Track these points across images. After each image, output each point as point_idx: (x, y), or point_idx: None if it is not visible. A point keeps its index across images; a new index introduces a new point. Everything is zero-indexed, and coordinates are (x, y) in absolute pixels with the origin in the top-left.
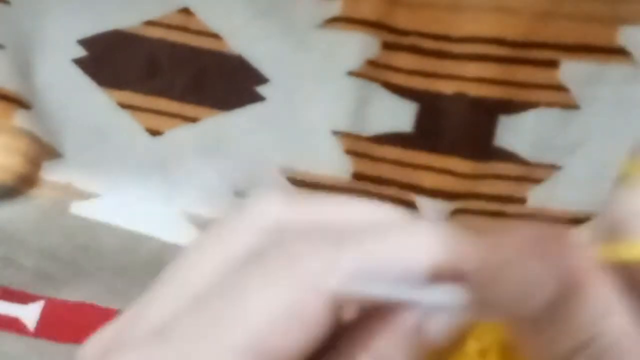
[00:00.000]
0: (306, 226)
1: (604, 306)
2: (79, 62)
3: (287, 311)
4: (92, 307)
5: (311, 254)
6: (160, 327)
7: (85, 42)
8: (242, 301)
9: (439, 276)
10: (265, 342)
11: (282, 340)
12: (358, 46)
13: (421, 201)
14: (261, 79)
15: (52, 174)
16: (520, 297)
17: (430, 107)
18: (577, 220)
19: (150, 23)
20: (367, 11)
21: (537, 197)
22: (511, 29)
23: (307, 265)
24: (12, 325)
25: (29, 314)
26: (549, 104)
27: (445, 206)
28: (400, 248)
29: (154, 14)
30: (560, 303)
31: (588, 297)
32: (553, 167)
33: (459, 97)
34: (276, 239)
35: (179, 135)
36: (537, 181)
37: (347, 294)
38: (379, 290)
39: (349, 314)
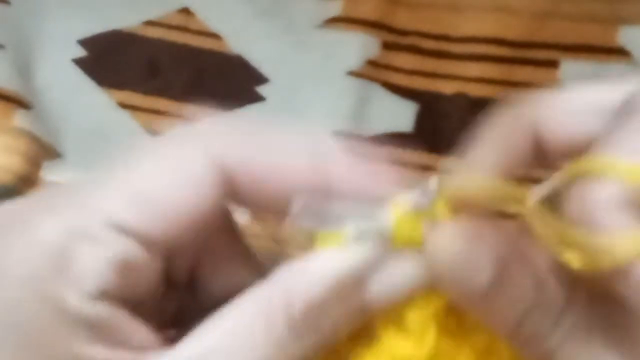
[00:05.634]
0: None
1: (541, 270)
2: (79, 62)
3: (173, 167)
4: None
5: (205, 124)
6: (62, 187)
7: (85, 42)
8: (135, 160)
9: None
10: (150, 189)
11: (166, 190)
12: (358, 46)
13: None
14: (261, 79)
15: (52, 174)
16: (467, 275)
17: (430, 107)
18: None
19: (150, 23)
20: (367, 11)
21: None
22: (511, 29)
23: (198, 129)
24: None
25: None
26: None
27: None
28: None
29: (154, 14)
30: (501, 278)
31: (524, 267)
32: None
33: (459, 97)
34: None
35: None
36: (537, 181)
37: (234, 159)
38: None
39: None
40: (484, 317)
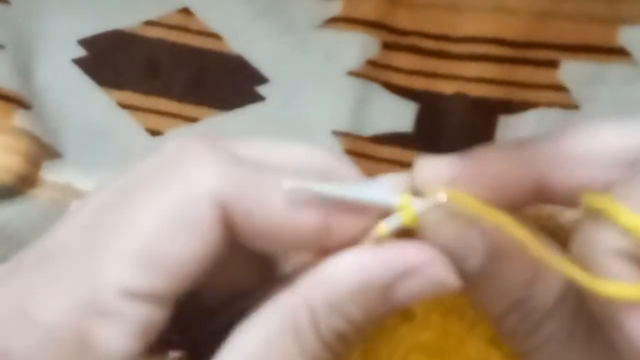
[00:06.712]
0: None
1: (531, 271)
2: (79, 62)
3: (173, 215)
4: None
5: (199, 161)
6: (51, 250)
7: (85, 42)
8: (129, 210)
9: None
10: (154, 247)
11: (171, 244)
12: (358, 46)
13: None
14: (261, 79)
15: (52, 174)
16: (459, 256)
17: (430, 107)
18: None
19: (150, 23)
20: (367, 11)
21: None
22: (511, 29)
23: (194, 170)
24: None
25: None
26: (549, 104)
27: None
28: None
29: (154, 14)
30: (491, 266)
31: (516, 262)
32: None
33: (459, 97)
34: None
35: (179, 135)
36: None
37: (236, 197)
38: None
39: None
40: (475, 301)
